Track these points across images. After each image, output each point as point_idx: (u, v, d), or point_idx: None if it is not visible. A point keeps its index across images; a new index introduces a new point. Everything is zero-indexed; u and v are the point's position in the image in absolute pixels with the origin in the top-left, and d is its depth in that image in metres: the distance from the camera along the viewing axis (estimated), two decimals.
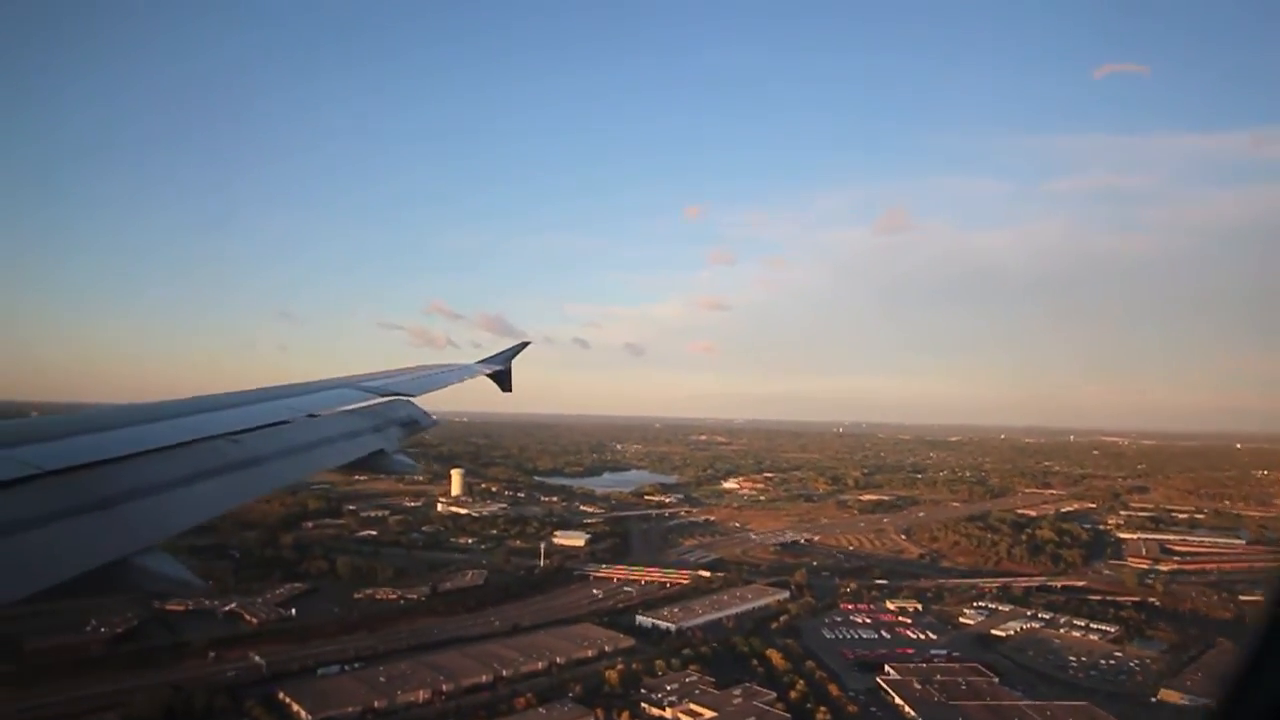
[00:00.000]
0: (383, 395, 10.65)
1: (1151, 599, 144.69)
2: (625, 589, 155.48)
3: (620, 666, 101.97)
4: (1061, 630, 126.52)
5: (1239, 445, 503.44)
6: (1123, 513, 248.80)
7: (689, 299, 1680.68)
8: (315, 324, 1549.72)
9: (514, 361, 18.23)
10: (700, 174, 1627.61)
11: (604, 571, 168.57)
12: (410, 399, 11.23)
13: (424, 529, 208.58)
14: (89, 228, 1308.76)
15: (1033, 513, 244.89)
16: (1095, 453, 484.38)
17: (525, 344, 18.23)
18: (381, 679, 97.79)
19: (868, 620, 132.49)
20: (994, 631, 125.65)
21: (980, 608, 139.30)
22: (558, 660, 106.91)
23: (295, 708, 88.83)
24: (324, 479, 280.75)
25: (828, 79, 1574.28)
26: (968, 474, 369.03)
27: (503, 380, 17.11)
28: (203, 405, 7.84)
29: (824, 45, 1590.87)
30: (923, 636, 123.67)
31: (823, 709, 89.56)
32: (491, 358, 17.34)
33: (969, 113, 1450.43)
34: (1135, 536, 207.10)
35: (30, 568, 4.18)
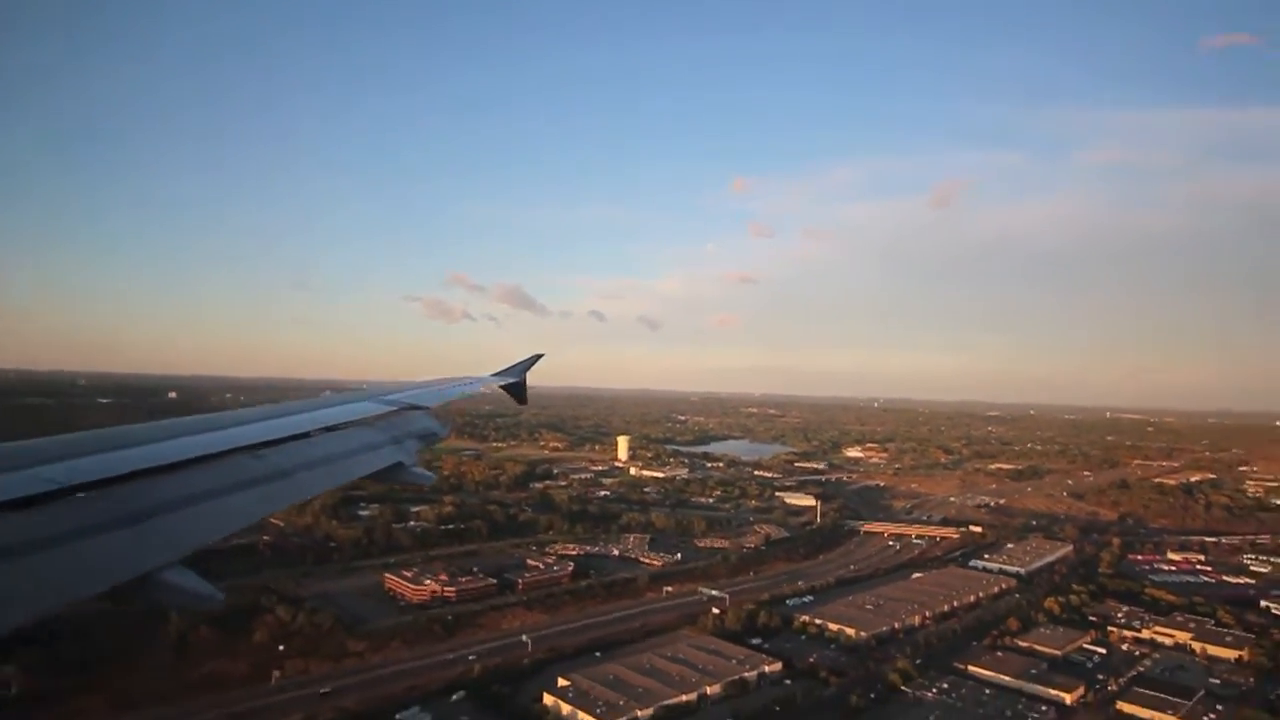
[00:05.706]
0: (400, 407, 11.32)
1: None
2: (915, 541, 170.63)
3: (1051, 599, 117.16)
4: None
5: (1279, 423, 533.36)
6: (1249, 481, 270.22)
7: (708, 272, 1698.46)
8: (334, 296, 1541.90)
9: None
10: (722, 151, 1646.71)
11: (869, 527, 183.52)
12: (426, 411, 11.80)
13: (647, 490, 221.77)
14: (112, 203, 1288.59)
15: (1171, 481, 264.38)
16: (1150, 429, 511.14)
17: (539, 356, 18.93)
18: (868, 607, 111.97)
19: (1171, 567, 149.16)
20: None
21: (1253, 558, 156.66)
22: (979, 594, 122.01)
23: (835, 627, 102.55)
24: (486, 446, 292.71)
25: (857, 58, 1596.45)
26: (1054, 447, 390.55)
27: (518, 392, 17.54)
28: (224, 421, 8.41)
29: (847, 26, 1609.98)
30: (1242, 580, 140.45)
31: (1274, 631, 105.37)
32: (506, 370, 18.08)
33: (1000, 88, 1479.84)
34: None
35: (60, 582, 4.45)
